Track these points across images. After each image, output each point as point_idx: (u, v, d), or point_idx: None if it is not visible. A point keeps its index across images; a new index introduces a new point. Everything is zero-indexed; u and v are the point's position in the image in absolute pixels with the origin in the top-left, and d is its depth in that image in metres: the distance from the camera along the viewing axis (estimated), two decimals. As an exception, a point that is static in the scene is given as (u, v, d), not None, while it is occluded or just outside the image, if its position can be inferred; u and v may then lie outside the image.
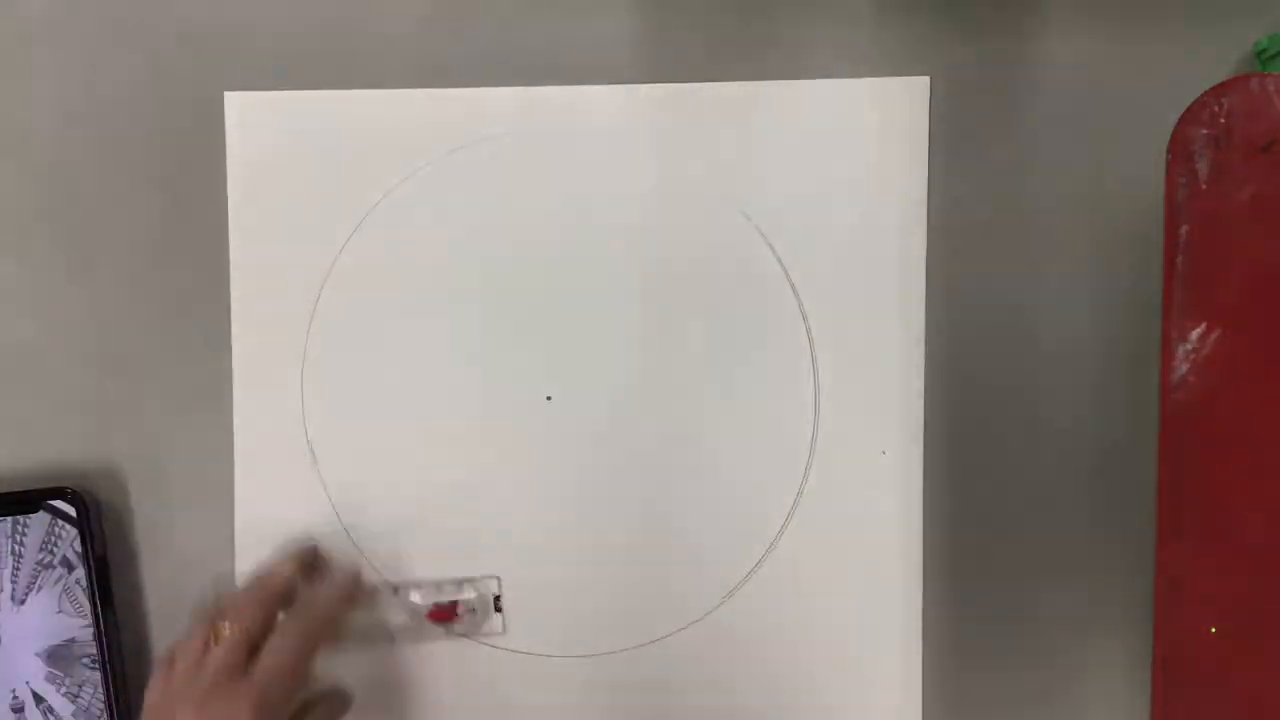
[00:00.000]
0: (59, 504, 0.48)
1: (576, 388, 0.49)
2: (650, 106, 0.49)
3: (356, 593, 0.48)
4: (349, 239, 0.50)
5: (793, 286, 0.49)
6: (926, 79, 0.48)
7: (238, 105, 0.50)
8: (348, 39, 0.50)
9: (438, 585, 0.49)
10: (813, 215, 0.48)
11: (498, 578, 0.49)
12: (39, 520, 0.49)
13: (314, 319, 0.50)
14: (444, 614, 0.48)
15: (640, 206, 0.49)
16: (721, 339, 0.49)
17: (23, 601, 0.49)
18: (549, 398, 0.49)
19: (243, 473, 0.50)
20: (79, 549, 0.48)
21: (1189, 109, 0.38)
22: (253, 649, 0.43)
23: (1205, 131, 0.38)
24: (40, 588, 0.49)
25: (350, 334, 0.50)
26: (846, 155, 0.48)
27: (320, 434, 0.50)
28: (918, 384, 0.48)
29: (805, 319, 0.49)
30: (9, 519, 0.48)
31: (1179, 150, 0.38)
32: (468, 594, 0.49)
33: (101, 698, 0.49)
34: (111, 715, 0.49)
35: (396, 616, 0.49)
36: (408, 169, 0.50)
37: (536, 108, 0.49)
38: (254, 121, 0.50)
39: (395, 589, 0.49)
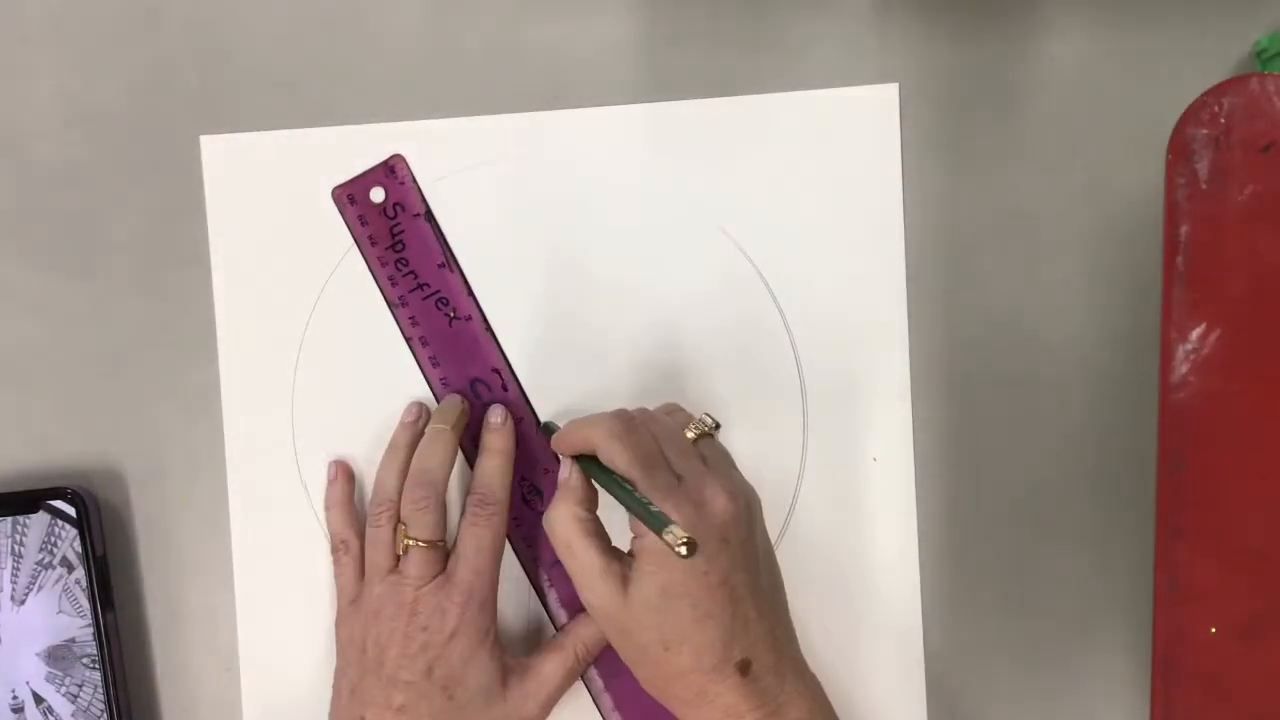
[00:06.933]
0: (59, 504, 0.48)
1: (566, 413, 0.49)
2: (623, 127, 0.49)
3: (513, 448, 0.48)
4: (334, 270, 0.50)
5: (774, 299, 0.49)
6: (895, 86, 0.48)
7: (215, 149, 0.50)
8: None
9: None
10: (790, 227, 0.49)
11: None
12: (39, 520, 0.49)
13: (301, 349, 0.50)
14: None
15: (622, 228, 0.49)
16: (707, 356, 0.49)
17: (23, 601, 0.49)
18: (541, 424, 0.49)
19: (237, 501, 0.50)
20: (79, 549, 0.48)
21: (1189, 109, 0.38)
22: (445, 555, 0.46)
23: (1205, 131, 0.38)
24: (40, 588, 0.49)
25: (339, 361, 0.50)
26: (819, 166, 0.48)
27: (311, 469, 0.50)
28: (905, 389, 0.48)
29: (789, 331, 0.49)
30: (9, 519, 0.48)
31: (1179, 150, 0.38)
32: None
33: (101, 698, 0.49)
34: (111, 715, 0.49)
35: None
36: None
37: (517, 134, 0.49)
38: (232, 165, 0.50)
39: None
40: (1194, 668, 0.39)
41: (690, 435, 0.44)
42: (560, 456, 0.45)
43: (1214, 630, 0.39)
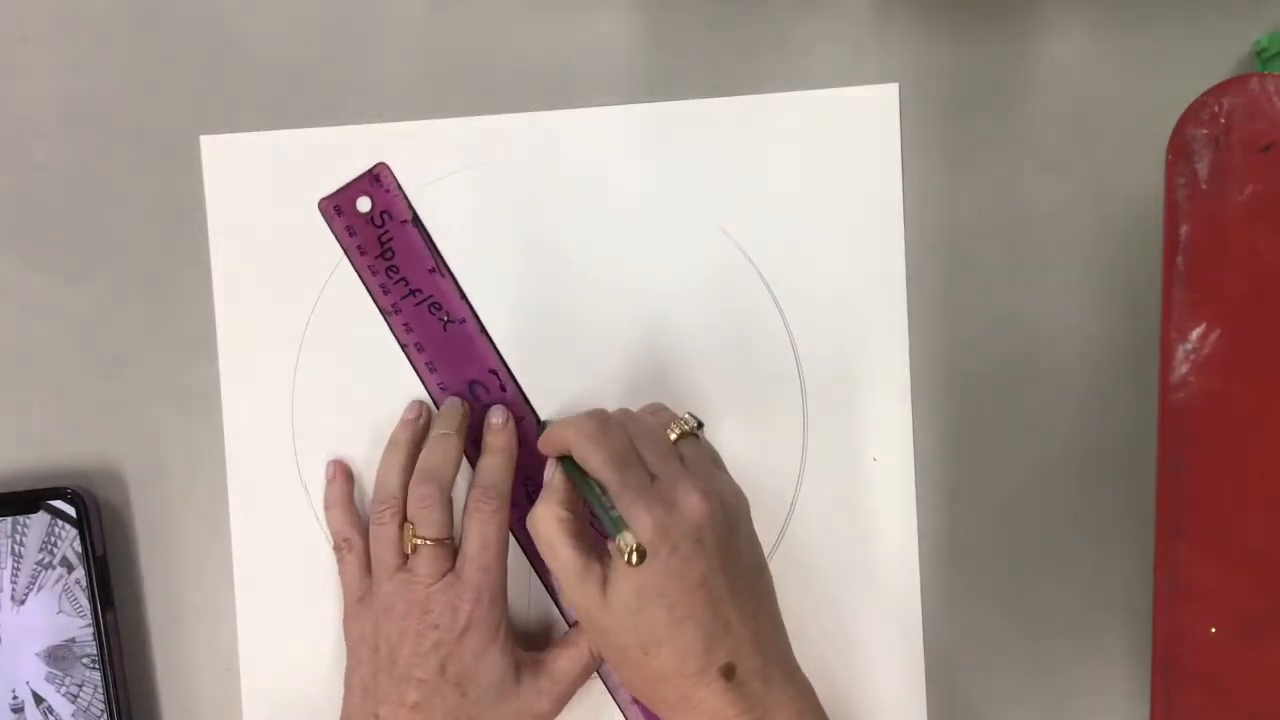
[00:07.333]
0: (59, 504, 0.48)
1: (565, 413, 0.49)
2: (623, 127, 0.49)
3: (514, 447, 0.48)
4: (333, 271, 0.50)
5: (774, 299, 0.49)
6: (895, 86, 0.48)
7: (215, 149, 0.50)
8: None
9: None
10: (790, 227, 0.49)
11: None
12: (39, 520, 0.49)
13: (301, 349, 0.50)
14: None
15: (621, 228, 0.49)
16: (706, 356, 0.49)
17: (23, 601, 0.49)
18: (540, 422, 0.49)
19: (237, 501, 0.50)
20: (79, 549, 0.48)
21: (1189, 109, 0.38)
22: (453, 551, 0.46)
23: (1205, 131, 0.38)
24: (40, 588, 0.49)
25: (339, 362, 0.50)
26: (819, 166, 0.48)
27: (311, 469, 0.50)
28: (905, 389, 0.48)
29: (789, 331, 0.49)
30: (9, 519, 0.48)
31: (1179, 150, 0.38)
32: None
33: (101, 698, 0.49)
34: (111, 715, 0.49)
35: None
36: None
37: (517, 134, 0.49)
38: (232, 165, 0.50)
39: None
40: (1194, 668, 0.39)
41: (671, 435, 0.43)
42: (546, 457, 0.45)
43: (1214, 630, 0.39)
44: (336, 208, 0.50)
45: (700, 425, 0.44)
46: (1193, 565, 0.39)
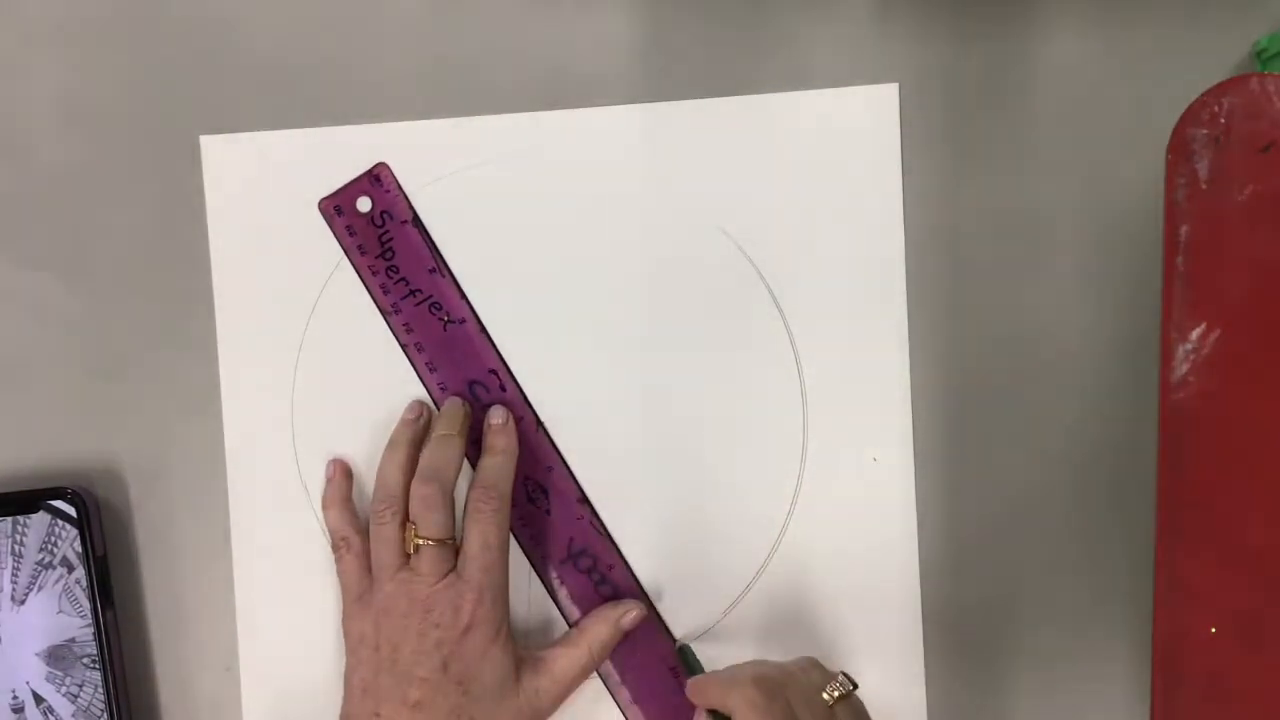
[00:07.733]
0: (59, 504, 0.48)
1: (565, 413, 0.49)
2: (623, 127, 0.49)
3: (515, 447, 0.48)
4: (334, 271, 0.50)
5: (774, 299, 0.49)
6: (895, 85, 0.48)
7: (215, 149, 0.50)
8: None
9: None
10: (790, 228, 0.49)
11: None
12: (39, 520, 0.49)
13: (301, 349, 0.50)
14: None
15: (621, 228, 0.49)
16: (706, 358, 0.49)
17: (23, 601, 0.49)
18: (540, 423, 0.49)
19: (237, 501, 0.50)
20: (79, 549, 0.48)
21: (1189, 109, 0.38)
22: (455, 551, 0.46)
23: (1205, 131, 0.38)
24: (40, 588, 0.49)
25: (339, 362, 0.50)
26: (819, 166, 0.48)
27: (311, 469, 0.50)
28: (904, 389, 0.48)
29: (789, 331, 0.49)
30: (9, 519, 0.48)
31: (1179, 150, 0.38)
32: None
33: (101, 698, 0.49)
34: (111, 715, 0.49)
35: None
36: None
37: (518, 134, 0.49)
38: (232, 165, 0.50)
39: None
40: (1194, 668, 0.39)
41: (827, 698, 0.42)
42: (694, 706, 0.43)
43: (1214, 630, 0.39)
44: (336, 208, 0.50)
45: (855, 686, 0.43)
46: (1193, 565, 0.39)
